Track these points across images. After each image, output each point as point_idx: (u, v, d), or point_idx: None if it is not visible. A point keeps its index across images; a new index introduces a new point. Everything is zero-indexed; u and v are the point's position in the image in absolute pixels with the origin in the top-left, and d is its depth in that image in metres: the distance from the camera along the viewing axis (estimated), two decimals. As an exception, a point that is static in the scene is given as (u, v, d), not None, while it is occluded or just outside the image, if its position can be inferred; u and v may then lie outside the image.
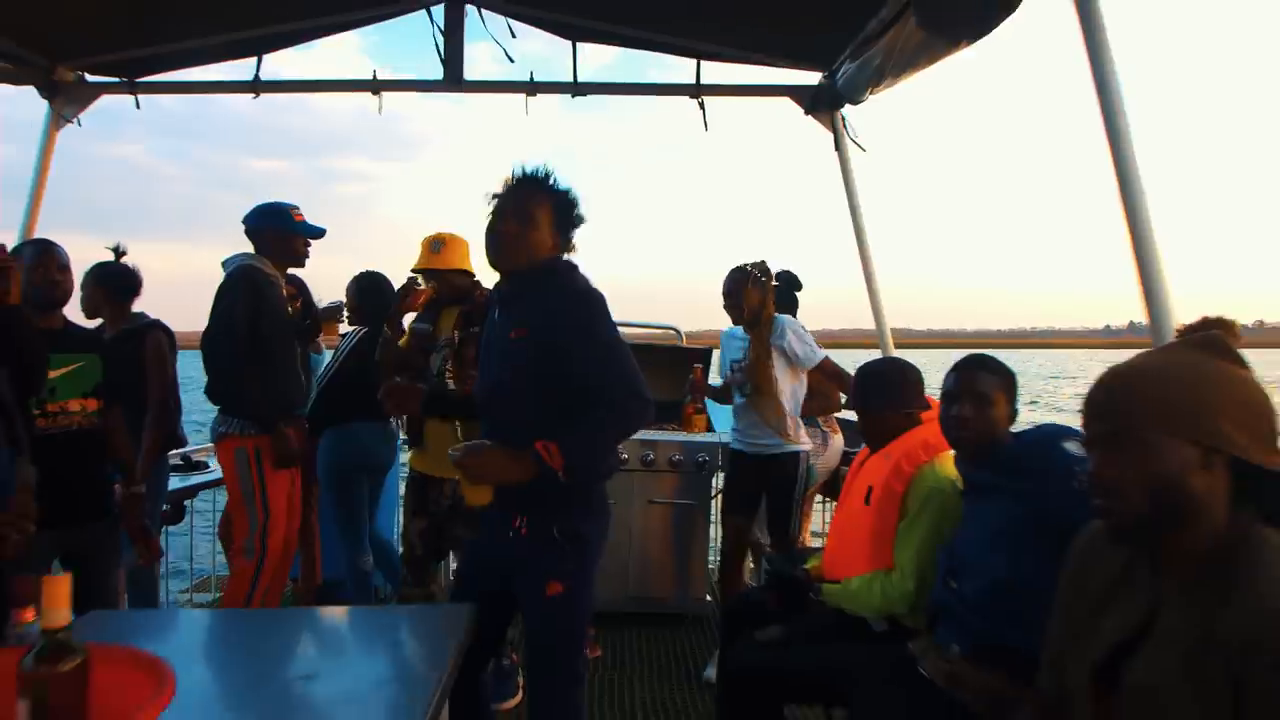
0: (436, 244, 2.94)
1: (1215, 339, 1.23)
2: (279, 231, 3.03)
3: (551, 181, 2.04)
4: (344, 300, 3.76)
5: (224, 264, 3.04)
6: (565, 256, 2.07)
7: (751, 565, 4.03)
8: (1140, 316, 1.95)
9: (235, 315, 2.89)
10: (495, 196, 2.04)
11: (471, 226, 3.86)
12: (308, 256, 3.13)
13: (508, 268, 2.01)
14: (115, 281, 3.25)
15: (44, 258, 2.55)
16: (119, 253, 3.26)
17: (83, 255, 3.48)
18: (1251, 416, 1.16)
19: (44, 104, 3.41)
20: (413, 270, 3.02)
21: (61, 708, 1.04)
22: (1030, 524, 1.81)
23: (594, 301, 1.99)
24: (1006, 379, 1.99)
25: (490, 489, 2.01)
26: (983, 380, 1.97)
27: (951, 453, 2.18)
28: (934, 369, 4.62)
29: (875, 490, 2.26)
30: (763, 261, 3.33)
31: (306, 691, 1.45)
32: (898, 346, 3.88)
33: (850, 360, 3.23)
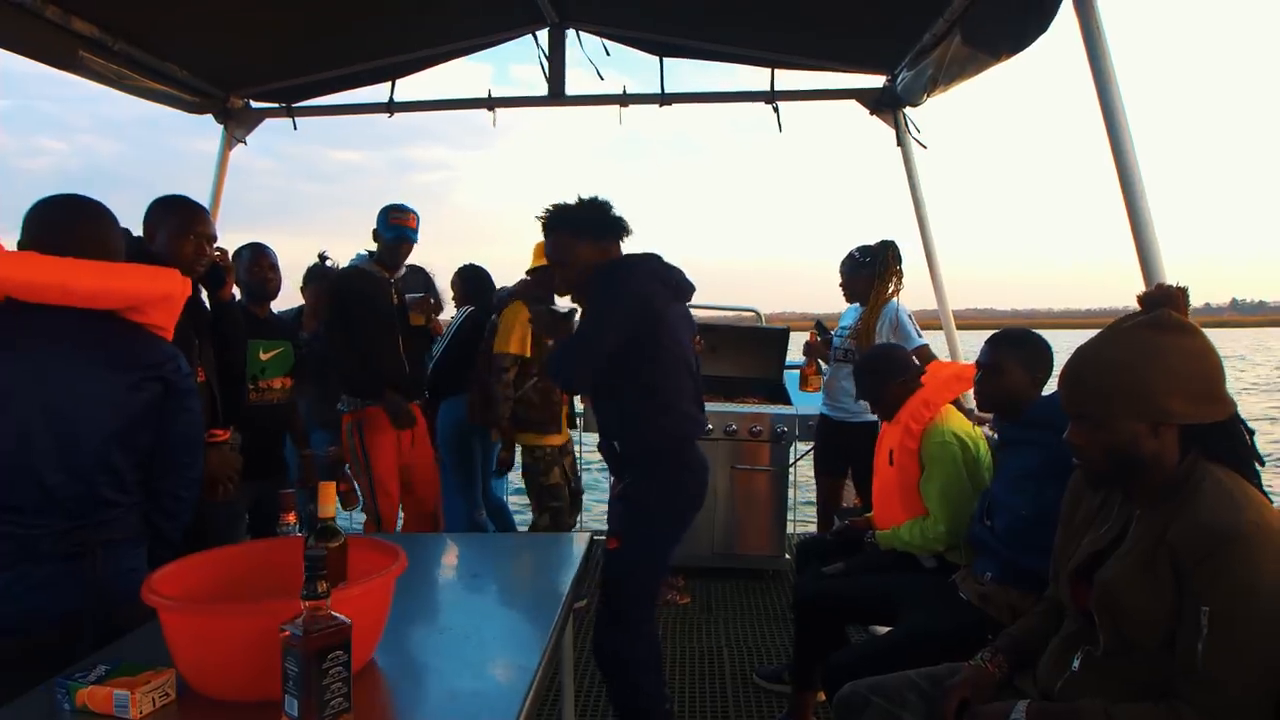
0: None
1: (1163, 318, 1.50)
2: (377, 234, 3.42)
3: (561, 215, 2.38)
4: (422, 295, 4.06)
5: None
6: (615, 253, 2.41)
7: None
8: (1214, 299, 2.20)
9: (327, 310, 3.41)
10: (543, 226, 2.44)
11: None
12: (397, 262, 3.44)
13: (576, 293, 2.45)
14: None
15: (259, 258, 3.14)
16: (323, 257, 3.86)
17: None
18: (1193, 384, 1.45)
19: (219, 127, 4.05)
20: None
21: (333, 569, 1.53)
22: (1049, 468, 2.14)
23: (600, 285, 2.34)
24: (1022, 347, 2.28)
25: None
26: (996, 352, 2.29)
27: (951, 407, 2.61)
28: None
29: (895, 453, 2.67)
30: (872, 244, 3.57)
31: (475, 585, 1.95)
32: (979, 327, 4.11)
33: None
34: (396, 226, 3.39)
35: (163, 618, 1.35)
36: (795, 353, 4.50)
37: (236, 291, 3.01)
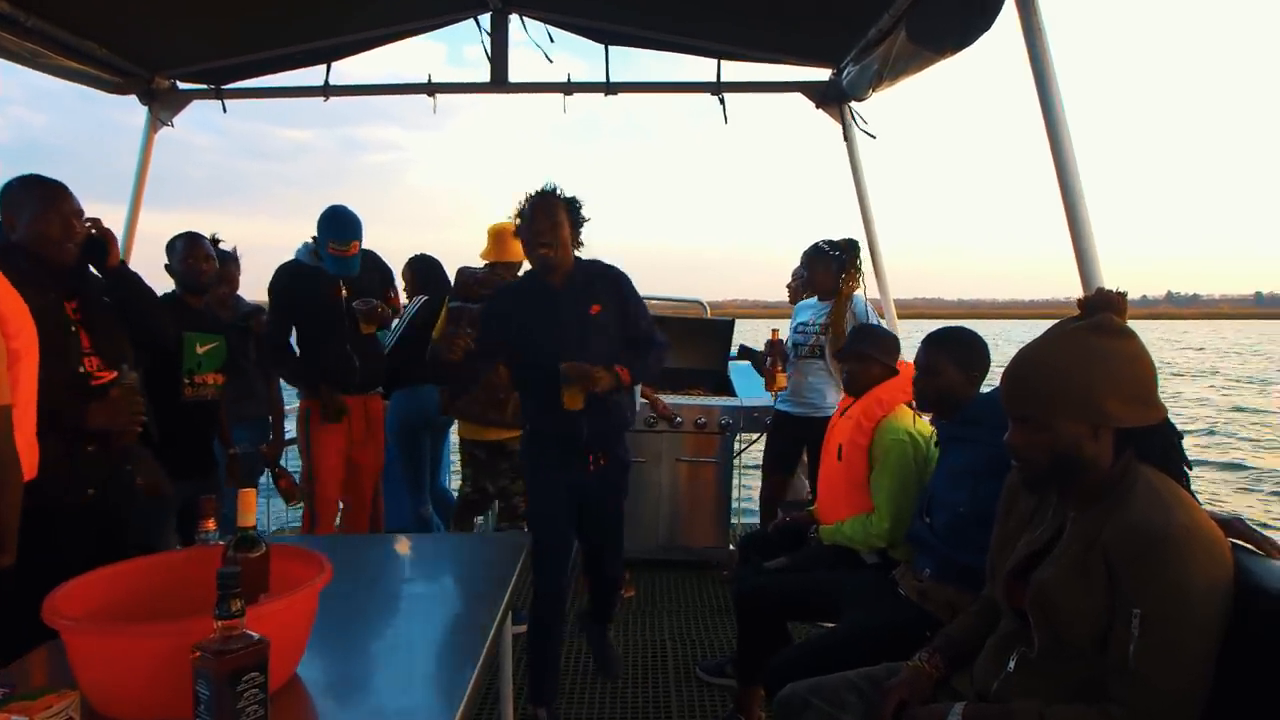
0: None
1: (1105, 322, 1.52)
2: (319, 243, 3.28)
3: (563, 197, 2.62)
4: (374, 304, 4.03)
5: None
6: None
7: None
8: (1151, 291, 2.24)
9: (272, 303, 3.30)
10: (521, 215, 2.62)
11: (497, 194, 4.29)
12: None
13: (557, 277, 2.62)
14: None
15: (193, 248, 3.01)
16: (215, 242, 3.66)
17: (140, 247, 3.93)
18: (1132, 388, 1.47)
19: (143, 109, 3.86)
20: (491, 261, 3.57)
21: (252, 581, 1.46)
22: (988, 466, 2.15)
23: (629, 282, 2.74)
24: (955, 348, 2.28)
25: (584, 397, 2.52)
26: (929, 354, 2.29)
27: (904, 407, 2.60)
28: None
29: (844, 448, 2.68)
30: (838, 240, 3.58)
31: (410, 590, 1.89)
32: (928, 317, 4.16)
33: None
34: (338, 260, 3.25)
35: (65, 639, 1.27)
36: (739, 343, 4.51)
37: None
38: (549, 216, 2.55)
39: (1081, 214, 2.11)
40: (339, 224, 3.24)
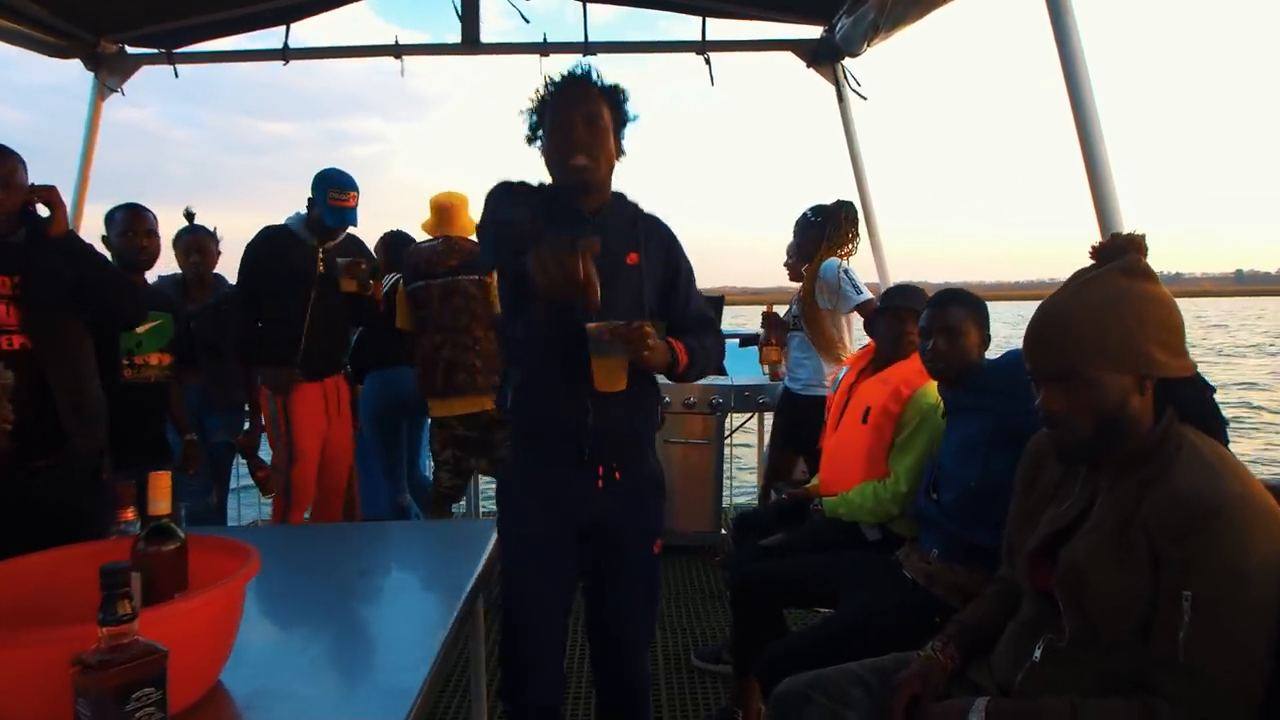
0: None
1: (1136, 263, 1.35)
2: (313, 203, 3.09)
3: (602, 83, 1.81)
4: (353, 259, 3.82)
5: None
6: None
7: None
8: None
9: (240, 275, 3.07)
10: (536, 112, 1.82)
11: (480, 181, 4.08)
12: (335, 238, 3.15)
13: (592, 202, 1.80)
14: None
15: (134, 221, 2.76)
16: (189, 215, 3.43)
17: (88, 222, 3.70)
18: (1170, 335, 1.31)
19: (88, 75, 3.62)
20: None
21: (167, 579, 1.27)
22: (999, 436, 1.98)
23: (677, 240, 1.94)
24: (975, 309, 2.13)
25: (625, 372, 1.72)
26: (953, 314, 2.11)
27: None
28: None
29: (873, 411, 2.46)
30: (827, 204, 3.36)
31: (365, 584, 1.70)
32: None
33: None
34: (337, 210, 3.05)
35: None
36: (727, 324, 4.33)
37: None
38: (585, 112, 1.74)
39: (1100, 155, 1.92)
40: (337, 175, 3.07)
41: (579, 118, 1.73)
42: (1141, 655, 1.25)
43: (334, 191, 3.04)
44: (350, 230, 3.22)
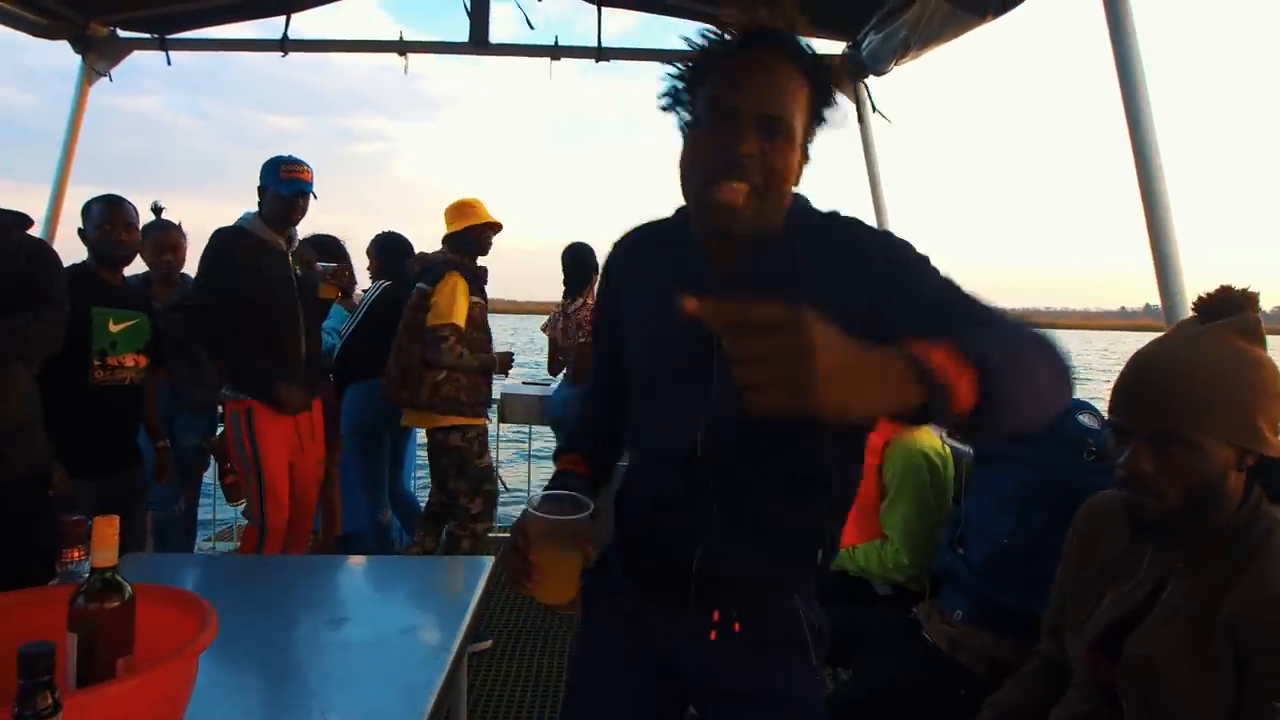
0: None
1: (1251, 323, 1.20)
2: (265, 188, 2.83)
3: (799, 49, 1.07)
4: (336, 265, 3.51)
5: None
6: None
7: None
8: (1156, 299, 1.95)
9: (198, 283, 2.80)
10: (675, 95, 1.12)
11: (487, 186, 3.95)
12: (292, 220, 2.87)
13: (731, 248, 1.12)
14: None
15: (111, 215, 2.56)
16: (157, 209, 3.22)
17: (69, 206, 3.54)
18: (1276, 407, 1.17)
19: (76, 58, 3.45)
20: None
21: (109, 642, 1.09)
22: (1040, 490, 1.84)
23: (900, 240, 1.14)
24: None
25: (574, 584, 1.14)
26: None
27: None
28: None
29: None
30: None
31: (339, 635, 1.53)
32: None
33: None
34: (292, 180, 2.80)
35: None
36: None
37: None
38: (765, 111, 1.04)
39: (1161, 199, 1.78)
40: (285, 156, 2.84)
41: (750, 118, 1.03)
42: (1220, 768, 1.10)
43: (285, 165, 2.81)
44: (348, 234, 3.07)
